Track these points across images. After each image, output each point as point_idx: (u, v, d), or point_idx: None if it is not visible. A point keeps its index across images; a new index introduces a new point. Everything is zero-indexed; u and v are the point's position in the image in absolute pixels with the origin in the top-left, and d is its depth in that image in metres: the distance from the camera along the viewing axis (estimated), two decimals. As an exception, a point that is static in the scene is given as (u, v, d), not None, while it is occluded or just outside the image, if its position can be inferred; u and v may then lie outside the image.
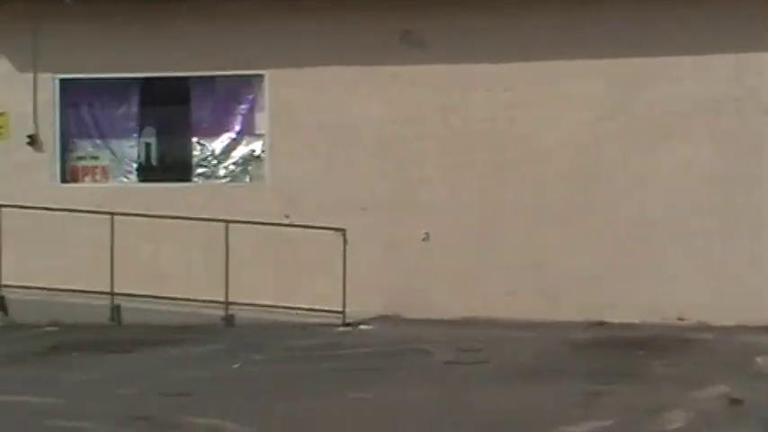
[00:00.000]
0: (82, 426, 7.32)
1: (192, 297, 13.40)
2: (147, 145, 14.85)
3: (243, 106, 14.29)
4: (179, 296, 13.45)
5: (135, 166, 14.56)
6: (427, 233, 13.74)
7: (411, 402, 8.25)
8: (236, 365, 10.12)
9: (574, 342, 11.49)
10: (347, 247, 13.25)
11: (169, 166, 14.86)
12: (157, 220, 13.71)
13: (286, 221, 13.53)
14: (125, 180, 14.55)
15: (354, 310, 13.09)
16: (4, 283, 13.56)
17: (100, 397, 8.45)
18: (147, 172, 14.66)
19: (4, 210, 13.68)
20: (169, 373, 9.69)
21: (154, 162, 15.02)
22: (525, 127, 13.52)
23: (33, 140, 14.32)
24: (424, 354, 10.79)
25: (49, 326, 13.03)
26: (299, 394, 8.60)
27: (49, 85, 14.29)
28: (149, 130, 14.81)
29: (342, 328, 12.77)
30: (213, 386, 9.06)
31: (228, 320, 13.21)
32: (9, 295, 13.58)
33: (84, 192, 14.38)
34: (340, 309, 13.01)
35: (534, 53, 13.43)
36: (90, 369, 9.94)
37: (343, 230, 13.26)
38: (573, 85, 13.37)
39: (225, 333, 12.67)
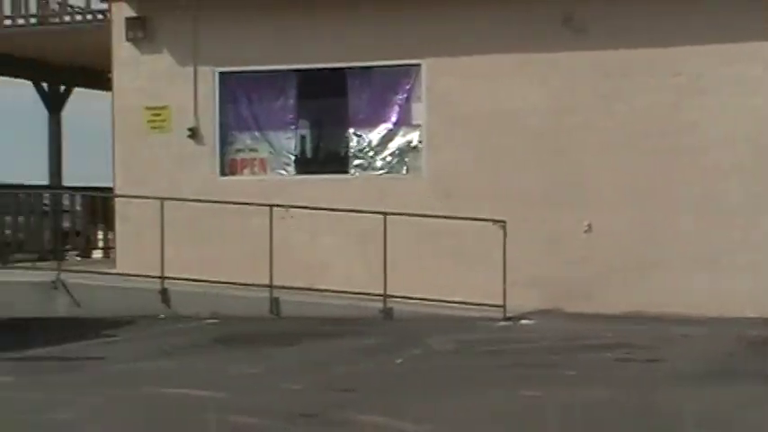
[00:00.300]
0: (250, 421, 7.24)
1: (349, 289, 13.30)
2: (305, 137, 14.87)
3: (400, 96, 14.11)
4: (337, 288, 13.37)
5: (292, 158, 14.56)
6: (589, 224, 13.31)
7: (586, 402, 7.88)
8: (398, 360, 9.93)
9: (750, 339, 10.90)
10: (506, 238, 12.91)
11: (326, 157, 14.86)
12: (315, 212, 13.69)
13: (438, 212, 13.25)
14: (283, 172, 14.56)
15: (514, 304, 12.75)
16: (166, 274, 13.70)
17: (265, 391, 8.37)
18: (304, 164, 14.66)
19: (165, 202, 13.85)
20: (331, 368, 9.57)
21: (311, 154, 15.04)
22: (695, 114, 12.92)
23: (194, 133, 14.47)
24: (592, 350, 10.39)
25: (209, 318, 13.12)
26: (467, 391, 8.33)
27: (210, 78, 14.41)
28: (307, 121, 14.82)
29: (502, 323, 12.46)
30: (377, 382, 8.89)
31: (387, 313, 13.05)
32: (171, 287, 13.72)
33: (242, 184, 14.47)
34: (500, 302, 12.68)
35: (704, 35, 12.80)
36: (253, 362, 9.91)
37: (502, 222, 12.93)
38: (747, 69, 12.69)
39: (384, 326, 12.50)
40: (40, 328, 12.64)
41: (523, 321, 12.55)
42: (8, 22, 16.04)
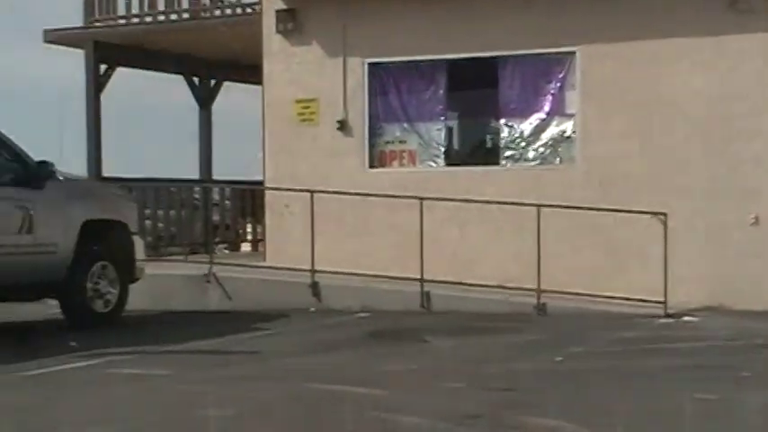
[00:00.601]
0: (414, 421, 6.99)
1: (501, 284, 12.99)
2: (455, 128, 14.60)
3: (552, 85, 13.70)
4: (488, 283, 13.07)
5: (442, 149, 14.31)
6: (756, 217, 12.65)
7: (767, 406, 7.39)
8: (558, 359, 9.56)
9: None
10: (667, 232, 12.37)
11: (476, 149, 14.59)
12: (465, 204, 13.42)
13: (593, 204, 12.80)
14: (432, 164, 14.33)
15: (675, 300, 12.22)
16: (316, 268, 13.62)
17: (425, 389, 8.13)
18: (453, 155, 14.41)
19: (315, 195, 13.78)
20: (490, 365, 9.26)
21: (461, 145, 14.78)
22: None
23: (343, 126, 14.36)
24: (766, 349, 9.81)
25: (360, 311, 12.98)
26: (635, 392, 7.91)
27: (359, 69, 14.27)
28: (456, 112, 14.55)
29: (663, 320, 11.94)
30: (539, 381, 8.55)
31: (541, 309, 12.66)
32: (321, 280, 13.63)
33: (391, 176, 14.29)
34: (660, 299, 12.17)
35: None
36: (409, 358, 9.69)
37: (663, 214, 12.40)
38: None
39: (538, 322, 12.14)
40: (194, 321, 12.72)
41: (686, 318, 12.00)
42: (162, 17, 16.28)
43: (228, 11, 15.97)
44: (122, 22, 16.41)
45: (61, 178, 11.58)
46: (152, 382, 8.60)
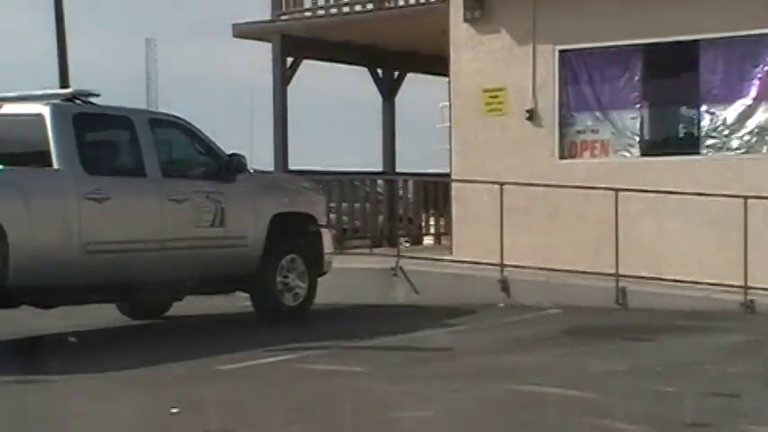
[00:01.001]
0: (630, 429, 6.49)
1: (703, 280, 12.26)
2: (650, 116, 13.86)
3: (760, 69, 12.83)
4: (688, 279, 12.36)
5: (636, 139, 13.63)
6: None
7: None
8: (779, 362, 8.86)
9: None
10: None
11: (674, 137, 13.85)
12: (663, 196, 12.74)
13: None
14: (626, 155, 13.66)
15: None
16: (505, 262, 13.20)
17: (635, 393, 7.59)
18: (649, 145, 13.70)
19: (504, 187, 13.35)
20: (701, 368, 8.65)
21: (657, 134, 14.03)
22: None
23: (532, 115, 13.87)
24: None
25: (551, 308, 12.49)
26: None
27: (549, 57, 13.74)
28: (652, 99, 13.80)
29: None
30: (761, 386, 7.88)
31: (748, 307, 11.88)
32: (510, 275, 13.20)
33: (583, 167, 13.72)
34: None
35: None
36: (612, 358, 9.15)
37: None
38: None
39: (747, 321, 11.38)
40: (383, 315, 12.48)
41: None
42: (346, 9, 16.16)
43: (412, 0, 15.69)
44: (308, 14, 16.36)
45: (252, 171, 11.54)
46: (347, 380, 8.37)
